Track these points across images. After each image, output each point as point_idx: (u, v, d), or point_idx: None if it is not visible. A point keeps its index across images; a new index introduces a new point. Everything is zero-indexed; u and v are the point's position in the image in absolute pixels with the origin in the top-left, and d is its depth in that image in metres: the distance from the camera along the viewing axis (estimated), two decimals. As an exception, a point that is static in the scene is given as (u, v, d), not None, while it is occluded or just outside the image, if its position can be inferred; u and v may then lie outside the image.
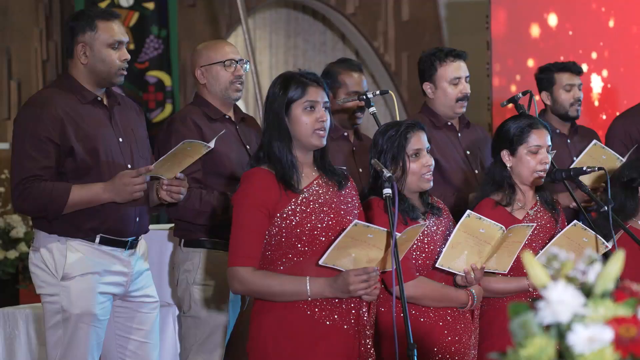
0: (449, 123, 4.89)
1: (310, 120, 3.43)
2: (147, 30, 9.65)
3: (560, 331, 1.72)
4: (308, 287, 3.35)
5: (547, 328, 1.74)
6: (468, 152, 4.85)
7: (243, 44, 11.16)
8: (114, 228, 3.99)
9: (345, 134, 4.83)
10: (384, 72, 11.54)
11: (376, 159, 3.48)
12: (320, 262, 3.30)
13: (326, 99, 3.48)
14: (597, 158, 4.86)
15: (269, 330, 3.41)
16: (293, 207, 3.39)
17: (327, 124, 3.47)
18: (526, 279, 3.98)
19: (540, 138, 4.05)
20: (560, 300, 1.73)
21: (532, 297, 3.99)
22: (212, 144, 3.90)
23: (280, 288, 3.36)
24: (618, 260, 1.79)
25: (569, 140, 5.33)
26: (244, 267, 3.37)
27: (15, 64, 8.88)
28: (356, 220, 3.30)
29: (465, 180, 4.75)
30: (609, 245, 3.87)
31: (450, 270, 3.73)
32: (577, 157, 5.00)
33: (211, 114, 4.42)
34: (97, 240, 3.97)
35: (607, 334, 1.68)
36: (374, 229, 3.31)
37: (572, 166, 5.01)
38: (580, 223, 3.90)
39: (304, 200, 3.42)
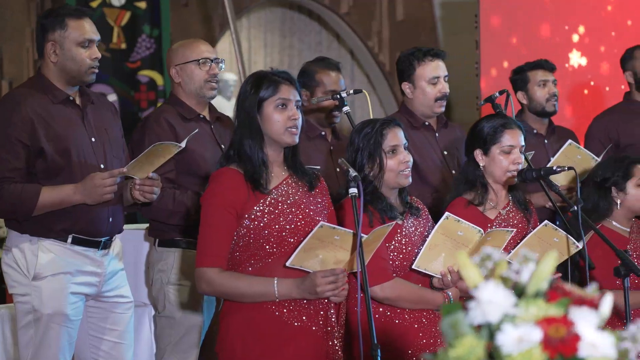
0: (427, 123, 4.86)
1: (282, 118, 3.42)
2: (139, 29, 9.66)
3: (490, 331, 1.71)
4: (276, 288, 3.33)
5: (479, 328, 1.73)
6: (445, 152, 4.83)
7: (231, 47, 11.19)
8: (86, 228, 3.97)
9: (323, 133, 4.81)
10: (378, 72, 11.54)
11: (343, 159, 3.46)
12: (287, 264, 3.29)
13: (298, 97, 3.47)
14: (572, 158, 4.84)
15: (237, 331, 3.40)
16: (261, 207, 3.38)
17: (299, 122, 3.46)
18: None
19: (513, 138, 4.03)
20: (491, 300, 1.71)
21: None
22: (183, 144, 3.88)
23: (248, 289, 3.35)
24: (551, 260, 1.78)
25: (546, 141, 5.32)
26: (211, 267, 3.36)
27: (7, 64, 8.90)
28: (322, 222, 3.29)
29: (443, 180, 4.73)
30: (580, 245, 3.86)
31: (427, 272, 3.70)
32: (554, 157, 4.99)
33: (185, 114, 4.41)
34: (69, 240, 3.95)
35: (536, 334, 1.67)
36: (340, 231, 3.30)
37: (547, 166, 5.01)
38: (551, 223, 3.89)
39: (273, 201, 3.40)
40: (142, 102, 9.68)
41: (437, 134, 4.88)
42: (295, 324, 3.38)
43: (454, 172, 4.73)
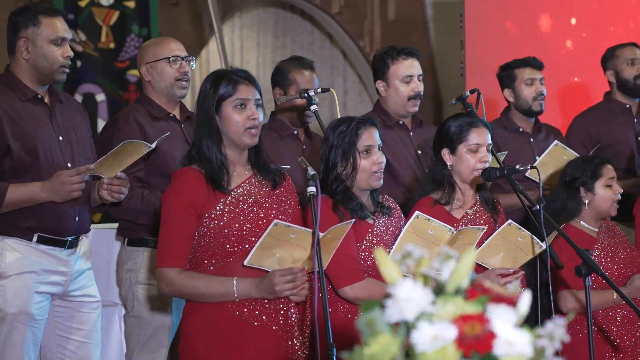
0: (401, 122, 4.85)
1: (241, 118, 3.40)
2: (127, 29, 9.64)
3: (407, 329, 1.70)
4: (235, 288, 3.32)
5: (397, 326, 1.72)
6: (419, 152, 4.82)
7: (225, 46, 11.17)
8: (52, 227, 3.96)
9: (296, 132, 4.80)
10: (370, 72, 11.51)
11: (303, 157, 3.44)
12: (245, 263, 3.28)
13: (258, 97, 3.45)
14: (558, 158, 4.83)
15: (198, 331, 3.39)
16: (222, 207, 3.37)
17: (259, 121, 3.44)
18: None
19: (480, 136, 4.01)
20: (407, 298, 1.70)
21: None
22: (154, 145, 3.86)
23: (207, 289, 3.33)
24: (470, 258, 1.76)
25: (532, 139, 5.30)
26: (171, 268, 3.34)
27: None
28: (276, 220, 3.26)
29: (416, 179, 4.72)
30: (544, 245, 3.84)
31: None
32: (540, 155, 4.97)
33: (155, 113, 4.39)
34: (35, 239, 3.94)
35: (451, 332, 1.66)
36: (295, 229, 3.28)
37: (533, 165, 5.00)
38: (515, 223, 3.87)
39: (233, 200, 3.39)
40: (131, 101, 9.64)
41: (411, 133, 4.87)
42: (255, 323, 3.37)
43: (426, 171, 4.72)
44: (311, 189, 3.30)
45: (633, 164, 5.42)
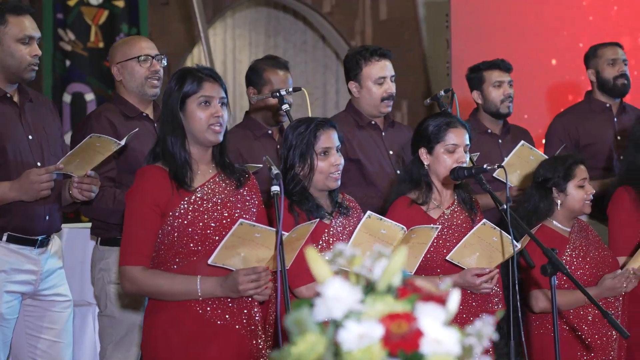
0: (373, 122, 4.84)
1: (205, 115, 3.39)
2: (117, 28, 9.62)
3: (336, 328, 1.69)
4: (199, 287, 3.31)
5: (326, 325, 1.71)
6: (391, 152, 4.81)
7: (215, 45, 11.17)
8: (22, 226, 3.95)
9: (270, 131, 4.79)
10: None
11: (267, 157, 3.43)
12: (209, 262, 3.27)
13: (223, 95, 3.44)
14: (525, 159, 4.82)
15: (161, 330, 3.37)
16: (185, 205, 3.36)
17: (224, 119, 3.43)
18: (438, 278, 3.94)
19: (457, 137, 3.99)
20: (336, 297, 1.69)
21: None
22: (123, 142, 3.84)
23: (170, 288, 3.32)
24: (401, 256, 1.75)
25: (500, 141, 5.29)
26: (134, 266, 3.33)
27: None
28: (241, 220, 3.26)
29: (388, 180, 4.70)
30: (519, 245, 3.83)
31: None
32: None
33: (128, 112, 4.38)
34: (4, 238, 3.93)
35: (378, 331, 1.65)
36: (260, 228, 3.27)
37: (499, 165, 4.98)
38: (490, 222, 3.86)
39: (197, 199, 3.38)
40: (120, 101, 9.66)
41: (383, 134, 4.86)
42: (219, 322, 3.35)
43: (399, 172, 4.70)
44: (275, 188, 3.29)
45: (612, 163, 5.40)
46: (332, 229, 3.75)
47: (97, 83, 9.56)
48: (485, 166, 3.73)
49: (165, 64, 4.48)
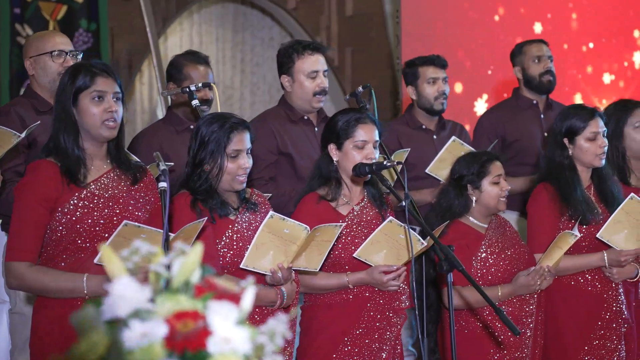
0: (306, 117, 4.79)
1: (99, 110, 3.35)
2: (75, 23, 9.56)
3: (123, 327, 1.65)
4: (85, 284, 3.26)
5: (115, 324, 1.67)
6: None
7: (181, 42, 11.11)
8: None
9: (192, 126, 4.74)
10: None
11: (158, 153, 3.37)
12: (95, 261, 3.21)
13: (117, 90, 3.39)
14: (457, 154, 4.78)
15: (46, 328, 3.33)
16: (75, 201, 3.31)
17: (118, 114, 3.38)
18: (346, 275, 3.91)
19: (366, 133, 3.94)
20: (122, 295, 1.65)
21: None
22: (23, 134, 3.78)
23: (56, 285, 3.27)
24: (197, 253, 1.71)
25: (435, 136, 5.25)
26: (20, 262, 3.28)
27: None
28: (126, 221, 3.20)
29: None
30: (425, 242, 3.79)
31: (256, 270, 3.63)
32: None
33: (39, 106, 4.33)
34: None
35: (161, 329, 1.60)
36: (146, 229, 3.22)
37: (432, 162, 4.95)
38: (396, 220, 3.82)
39: (88, 194, 3.33)
40: (78, 96, 9.60)
41: (316, 129, 4.81)
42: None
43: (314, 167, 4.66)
44: (162, 184, 3.23)
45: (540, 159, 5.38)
46: (237, 225, 3.70)
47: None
48: (385, 162, 3.69)
49: (80, 59, 4.42)
